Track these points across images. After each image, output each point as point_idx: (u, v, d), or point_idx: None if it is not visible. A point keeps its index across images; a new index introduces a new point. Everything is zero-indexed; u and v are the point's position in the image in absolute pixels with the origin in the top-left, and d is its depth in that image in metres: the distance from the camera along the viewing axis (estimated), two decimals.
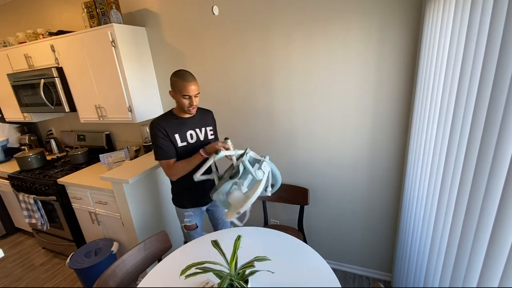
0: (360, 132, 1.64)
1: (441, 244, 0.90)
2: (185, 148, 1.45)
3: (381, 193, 1.71)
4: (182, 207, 1.59)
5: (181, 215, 1.61)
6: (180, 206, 1.60)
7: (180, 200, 1.60)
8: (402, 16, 1.35)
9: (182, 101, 1.36)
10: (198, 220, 1.65)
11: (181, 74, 1.34)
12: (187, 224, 1.60)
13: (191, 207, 1.60)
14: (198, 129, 1.51)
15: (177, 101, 1.39)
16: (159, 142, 1.38)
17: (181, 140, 1.44)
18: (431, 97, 1.07)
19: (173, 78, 1.35)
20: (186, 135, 1.46)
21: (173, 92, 1.38)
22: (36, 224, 2.33)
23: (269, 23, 1.66)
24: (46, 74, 2.14)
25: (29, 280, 2.25)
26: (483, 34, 0.65)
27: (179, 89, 1.33)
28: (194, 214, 1.61)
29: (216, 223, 1.77)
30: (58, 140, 2.96)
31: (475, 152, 0.68)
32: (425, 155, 1.12)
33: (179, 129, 1.43)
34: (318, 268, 1.15)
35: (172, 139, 1.41)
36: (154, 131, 1.39)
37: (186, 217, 1.60)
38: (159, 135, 1.38)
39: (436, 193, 0.97)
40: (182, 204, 1.59)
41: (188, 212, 1.59)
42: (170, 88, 1.38)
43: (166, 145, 1.39)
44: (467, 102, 0.74)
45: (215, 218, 1.76)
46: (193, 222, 1.62)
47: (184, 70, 1.37)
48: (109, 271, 1.22)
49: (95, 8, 1.89)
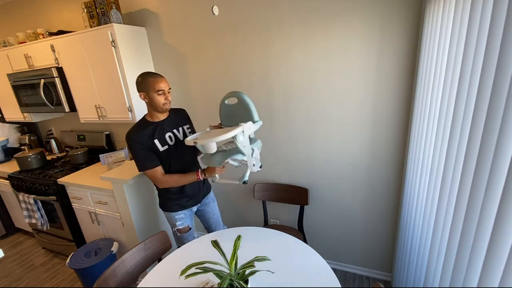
0: (360, 132, 1.64)
1: (441, 244, 0.90)
2: (167, 152, 1.43)
3: (381, 193, 1.71)
4: (172, 211, 1.56)
5: (172, 219, 1.58)
6: (170, 211, 1.56)
7: (169, 205, 1.56)
8: (402, 16, 1.35)
9: (157, 98, 1.33)
10: (189, 222, 1.63)
11: (148, 73, 1.34)
12: (179, 227, 1.58)
13: (182, 210, 1.57)
14: (176, 130, 1.49)
15: (151, 101, 1.34)
16: (139, 154, 1.37)
17: (161, 144, 1.41)
18: (431, 97, 1.07)
19: (141, 79, 1.33)
20: (165, 138, 1.43)
21: (144, 93, 1.34)
22: (36, 224, 2.33)
23: (269, 22, 1.66)
24: (46, 74, 2.14)
25: (29, 280, 2.25)
26: (483, 34, 0.65)
27: (151, 87, 1.31)
28: (185, 216, 1.60)
29: (208, 222, 1.76)
30: (58, 140, 2.96)
31: (475, 152, 0.68)
32: (425, 155, 1.12)
33: (157, 134, 1.40)
34: (318, 268, 1.15)
35: (152, 147, 1.38)
36: (130, 143, 1.36)
37: (178, 220, 1.57)
38: (137, 146, 1.35)
39: (436, 193, 0.97)
40: (172, 209, 1.56)
41: (179, 215, 1.57)
42: (139, 91, 1.35)
43: (146, 155, 1.37)
44: (467, 102, 0.74)
45: (206, 218, 1.75)
46: (186, 225, 1.60)
47: (150, 71, 1.38)
48: (109, 271, 1.22)
49: (95, 8, 1.89)
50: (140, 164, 1.39)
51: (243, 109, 1.32)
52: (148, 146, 1.37)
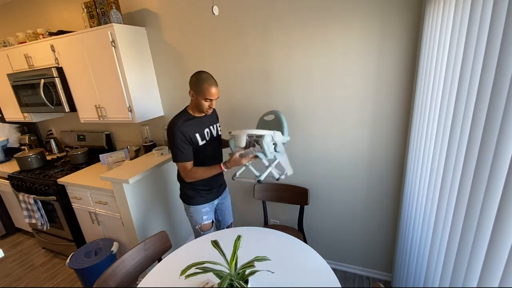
0: (360, 131, 1.64)
1: (441, 244, 0.90)
2: (204, 146, 1.48)
3: (381, 193, 1.71)
4: (198, 204, 1.58)
5: (198, 213, 1.58)
6: (196, 204, 1.58)
7: (196, 198, 1.57)
8: (402, 16, 1.35)
9: (203, 103, 1.38)
10: (213, 216, 1.66)
11: (206, 78, 1.35)
12: (205, 223, 1.59)
13: (207, 203, 1.60)
14: (212, 126, 1.56)
15: (197, 102, 1.40)
16: (179, 144, 1.39)
17: (201, 138, 1.47)
18: (431, 97, 1.07)
19: (195, 80, 1.36)
20: (204, 133, 1.50)
21: (193, 93, 1.38)
22: (36, 224, 2.33)
23: (269, 23, 1.66)
24: (46, 74, 2.14)
25: (29, 280, 2.25)
26: (483, 34, 0.65)
27: (202, 92, 1.35)
28: (210, 210, 1.63)
29: (223, 215, 1.79)
30: (58, 140, 2.97)
31: (475, 152, 0.68)
32: (425, 155, 1.12)
33: (198, 128, 1.46)
34: (318, 268, 1.15)
35: (193, 140, 1.43)
36: (174, 133, 1.38)
37: (204, 214, 1.59)
38: (180, 137, 1.38)
39: (436, 193, 0.97)
40: (198, 201, 1.58)
41: (205, 208, 1.60)
42: (190, 87, 1.39)
43: (186, 148, 1.40)
44: (467, 102, 0.74)
45: (223, 211, 1.78)
46: (210, 220, 1.63)
47: (207, 73, 1.38)
48: (109, 271, 1.22)
49: (95, 8, 1.89)
50: (177, 154, 1.41)
51: (277, 124, 1.50)
52: (189, 139, 1.41)
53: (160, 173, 2.10)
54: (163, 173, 2.14)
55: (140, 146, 2.39)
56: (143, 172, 1.85)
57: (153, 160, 2.06)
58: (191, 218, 1.62)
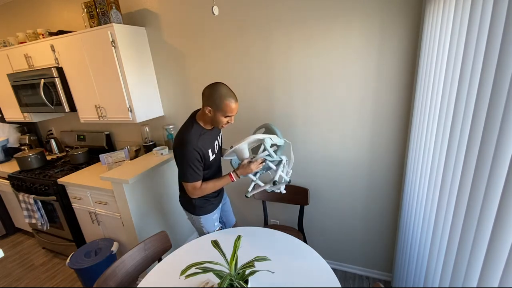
0: (360, 131, 1.64)
1: (441, 244, 0.90)
2: (214, 160, 1.43)
3: (381, 193, 1.71)
4: (209, 213, 1.52)
5: (210, 221, 1.52)
6: (207, 212, 1.52)
7: (206, 207, 1.51)
8: (402, 16, 1.35)
9: (221, 119, 1.28)
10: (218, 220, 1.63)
11: (225, 93, 1.23)
12: (217, 229, 1.56)
13: (216, 209, 1.56)
14: (218, 137, 1.51)
15: (214, 119, 1.28)
16: (193, 163, 1.28)
17: (211, 153, 1.40)
18: (431, 97, 1.07)
19: (213, 95, 1.23)
20: (214, 147, 1.43)
21: (212, 109, 1.25)
22: (36, 224, 2.33)
23: (269, 22, 1.66)
24: (46, 74, 2.14)
25: (29, 280, 2.25)
26: (483, 34, 0.65)
27: (222, 109, 1.24)
28: (218, 215, 1.60)
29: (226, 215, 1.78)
30: (58, 140, 2.97)
31: (475, 152, 0.68)
32: (425, 154, 1.12)
33: (209, 143, 1.38)
34: (318, 268, 1.15)
35: (205, 157, 1.34)
36: (189, 151, 1.26)
37: (215, 220, 1.56)
38: (195, 156, 1.27)
39: (436, 193, 0.97)
40: (208, 210, 1.52)
41: (215, 215, 1.55)
42: (205, 104, 1.26)
43: (197, 166, 1.30)
44: (467, 102, 0.74)
45: (225, 212, 1.77)
46: (220, 225, 1.60)
47: (224, 86, 1.26)
48: (109, 271, 1.22)
49: (95, 8, 1.89)
50: (191, 174, 1.29)
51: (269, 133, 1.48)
52: (203, 156, 1.32)
53: (160, 173, 2.10)
54: (163, 173, 2.14)
55: (140, 146, 2.39)
56: (143, 172, 1.85)
57: (153, 160, 2.06)
58: (201, 228, 1.53)
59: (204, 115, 1.31)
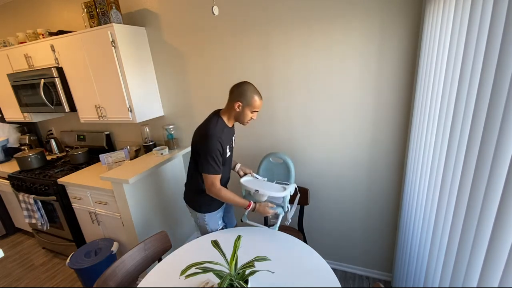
0: (360, 131, 1.64)
1: (441, 244, 0.90)
2: (228, 158, 1.45)
3: (381, 193, 1.71)
4: (214, 210, 1.54)
5: (214, 219, 1.54)
6: (213, 210, 1.53)
7: (212, 205, 1.53)
8: (402, 16, 1.36)
9: (248, 115, 1.37)
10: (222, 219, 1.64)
11: (254, 89, 1.35)
12: (220, 227, 1.58)
13: (220, 207, 1.57)
14: (233, 138, 1.54)
15: (242, 114, 1.36)
16: (216, 155, 1.32)
17: (229, 150, 1.44)
18: (431, 97, 1.07)
19: (244, 91, 1.33)
20: (231, 144, 1.49)
21: (241, 104, 1.34)
22: (36, 224, 2.33)
23: (269, 22, 1.66)
24: (46, 74, 2.14)
25: (29, 280, 2.25)
26: (483, 34, 0.65)
27: (252, 104, 1.34)
28: (221, 214, 1.61)
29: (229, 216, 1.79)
30: (58, 140, 2.97)
31: (475, 152, 0.68)
32: (425, 154, 1.12)
33: (228, 139, 1.43)
34: (318, 268, 1.15)
35: (224, 152, 1.38)
36: (214, 144, 1.31)
37: (219, 219, 1.57)
38: (218, 147, 1.32)
39: (436, 193, 0.97)
40: (214, 207, 1.54)
41: (219, 213, 1.57)
42: (235, 99, 1.34)
43: (218, 159, 1.35)
44: (467, 102, 0.74)
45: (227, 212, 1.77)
46: (223, 224, 1.62)
47: (252, 84, 1.37)
48: (109, 271, 1.22)
49: (95, 8, 1.89)
50: (212, 166, 1.33)
51: (285, 169, 1.64)
52: (223, 150, 1.36)
53: (160, 173, 2.10)
54: (163, 173, 2.14)
55: (140, 146, 2.39)
56: (143, 172, 1.85)
57: (153, 160, 2.06)
58: (205, 226, 1.54)
59: (231, 110, 1.38)
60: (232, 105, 1.36)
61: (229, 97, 1.38)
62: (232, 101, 1.36)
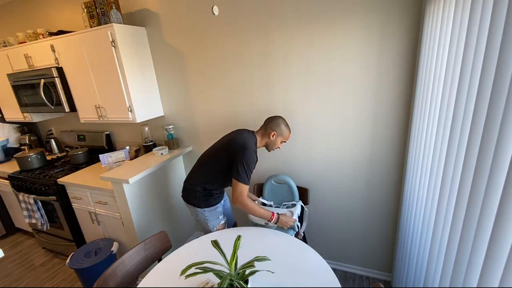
0: (360, 131, 1.64)
1: (441, 244, 0.90)
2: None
3: (381, 193, 1.71)
4: (215, 204, 1.60)
5: (215, 214, 1.60)
6: (214, 204, 1.60)
7: (213, 199, 1.59)
8: (402, 16, 1.35)
9: (278, 144, 1.58)
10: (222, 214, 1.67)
11: (287, 124, 1.60)
12: (221, 222, 1.62)
13: (219, 202, 1.64)
14: None
15: (273, 141, 1.56)
16: (252, 168, 1.44)
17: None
18: (431, 97, 1.07)
19: (281, 124, 1.56)
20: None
21: (275, 134, 1.55)
22: (36, 224, 2.33)
23: (269, 22, 1.66)
24: (46, 74, 2.14)
25: (29, 280, 2.25)
26: (483, 34, 0.65)
27: (284, 136, 1.58)
28: (221, 209, 1.66)
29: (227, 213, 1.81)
30: (58, 140, 2.97)
31: (475, 152, 0.68)
32: (425, 155, 1.12)
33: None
34: (318, 268, 1.15)
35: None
36: (253, 158, 1.45)
37: (219, 213, 1.63)
38: (254, 161, 1.46)
39: (436, 193, 0.97)
40: (215, 201, 1.60)
41: (219, 208, 1.63)
42: (272, 129, 1.54)
43: (251, 173, 1.45)
44: (467, 102, 0.74)
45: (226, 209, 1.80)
46: (225, 219, 1.66)
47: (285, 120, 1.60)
48: (109, 271, 1.22)
49: (95, 8, 1.89)
50: (247, 176, 1.43)
51: (288, 191, 1.79)
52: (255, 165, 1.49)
53: (160, 173, 2.10)
54: (163, 173, 2.14)
55: (140, 146, 2.39)
56: (143, 172, 1.85)
57: (153, 160, 2.06)
58: (206, 221, 1.58)
59: (265, 136, 1.57)
60: (268, 133, 1.55)
61: (264, 126, 1.58)
62: (267, 129, 1.56)
